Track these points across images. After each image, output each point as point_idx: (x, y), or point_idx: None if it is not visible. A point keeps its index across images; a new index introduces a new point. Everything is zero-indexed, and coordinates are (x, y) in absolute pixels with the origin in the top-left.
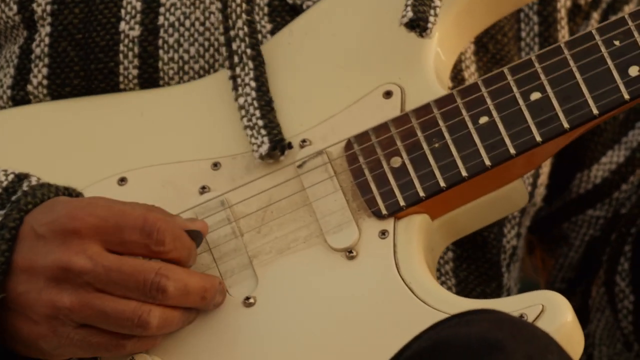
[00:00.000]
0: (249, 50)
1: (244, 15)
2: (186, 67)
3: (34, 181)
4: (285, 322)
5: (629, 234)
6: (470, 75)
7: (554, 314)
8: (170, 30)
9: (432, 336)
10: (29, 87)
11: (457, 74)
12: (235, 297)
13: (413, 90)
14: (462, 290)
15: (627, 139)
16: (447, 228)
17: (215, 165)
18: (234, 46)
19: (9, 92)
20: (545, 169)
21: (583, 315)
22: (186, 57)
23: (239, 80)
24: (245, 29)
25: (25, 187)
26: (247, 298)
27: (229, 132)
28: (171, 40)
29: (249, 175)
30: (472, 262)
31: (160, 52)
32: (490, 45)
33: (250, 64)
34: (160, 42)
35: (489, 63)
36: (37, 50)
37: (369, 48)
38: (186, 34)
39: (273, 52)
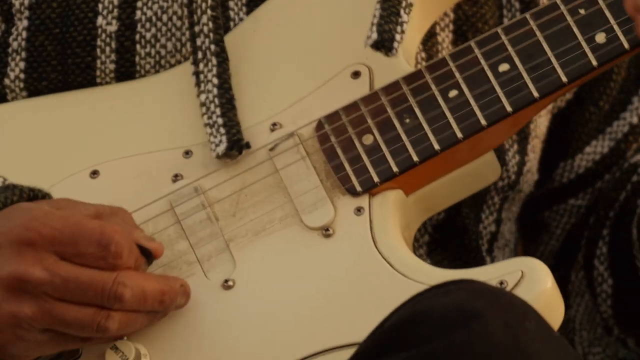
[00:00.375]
0: (212, 47)
1: (209, 11)
2: (163, 62)
3: None
4: (265, 302)
5: (607, 217)
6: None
7: (534, 280)
8: (148, 25)
9: (410, 307)
10: (6, 81)
11: (429, 38)
12: (214, 281)
13: (381, 69)
14: None
15: (611, 129)
16: (422, 204)
17: (187, 153)
18: (198, 42)
19: None
20: (533, 155)
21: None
22: (163, 52)
23: (201, 76)
24: (210, 24)
25: None
26: (226, 281)
27: (200, 122)
28: (148, 35)
29: (221, 161)
30: (445, 248)
31: (138, 46)
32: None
33: (214, 60)
34: (137, 36)
35: (464, 26)
36: (15, 44)
37: (335, 31)
38: (163, 28)
39: (240, 40)
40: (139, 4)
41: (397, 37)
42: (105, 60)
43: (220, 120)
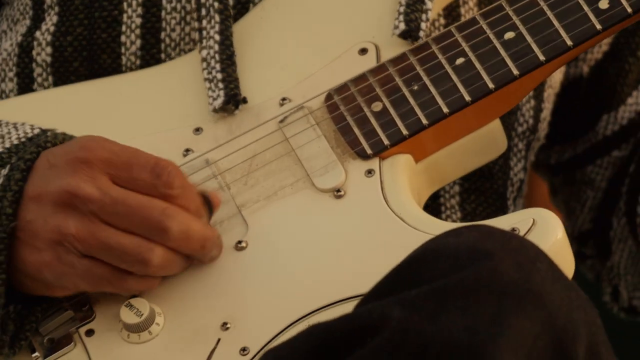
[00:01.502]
0: (216, 4)
1: None
2: (188, 18)
3: (58, 131)
4: (279, 260)
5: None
6: (468, 11)
7: (545, 229)
8: None
9: (422, 247)
10: (37, 34)
11: (452, 11)
12: (227, 243)
13: (387, 46)
14: (468, 222)
15: None
16: (431, 173)
17: (197, 130)
18: None
19: (20, 38)
20: (548, 104)
21: (605, 247)
22: (188, 7)
23: (204, 32)
24: None
25: (48, 133)
26: (239, 242)
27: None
28: None
29: (231, 135)
30: (480, 194)
31: (164, 1)
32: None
33: (217, 17)
34: None
35: None
36: (48, 0)
37: (341, 12)
38: None
39: (247, 27)
40: None
41: (423, 25)
42: (131, 14)
43: (219, 75)
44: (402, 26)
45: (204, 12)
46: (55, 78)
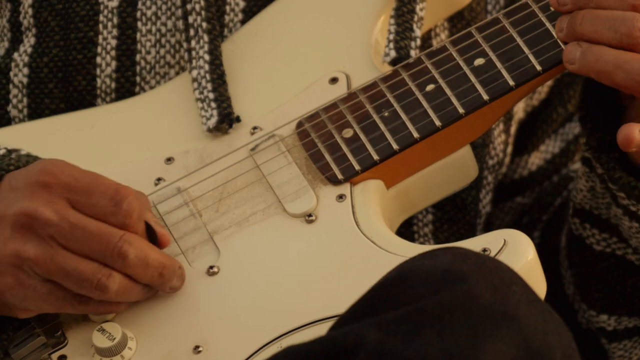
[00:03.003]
0: (204, 24)
1: None
2: (163, 40)
3: (22, 152)
4: (250, 284)
5: (540, 220)
6: (439, 42)
7: (516, 249)
8: (148, 2)
9: (397, 269)
10: (15, 55)
11: (424, 43)
12: (199, 269)
13: (358, 75)
14: None
15: (563, 130)
16: (402, 199)
17: (169, 160)
18: (190, 19)
19: None
20: (512, 139)
21: None
22: (163, 29)
23: (193, 53)
24: (202, 2)
25: (13, 155)
26: (211, 267)
27: (180, 132)
28: (149, 13)
29: (202, 163)
30: (452, 224)
31: (139, 23)
32: (466, 12)
33: (206, 37)
34: (138, 14)
35: (463, 29)
36: (25, 22)
37: (312, 42)
38: (163, 7)
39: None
40: None
41: (412, 53)
42: (107, 36)
43: (211, 95)
44: (393, 54)
45: (192, 32)
46: (30, 100)
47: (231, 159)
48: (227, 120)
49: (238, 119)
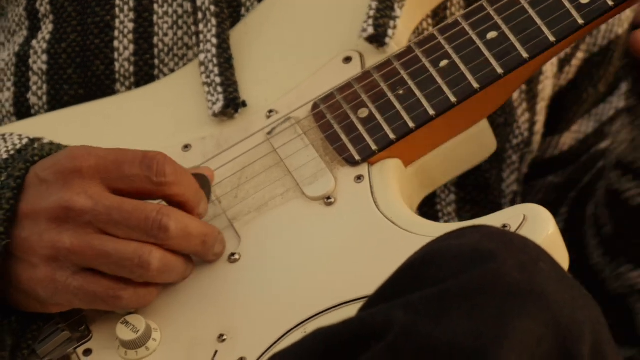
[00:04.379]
0: (212, 7)
1: None
2: (180, 22)
3: (45, 141)
4: (273, 270)
5: (567, 197)
6: (455, 12)
7: (536, 224)
8: None
9: (424, 249)
10: (33, 42)
11: (440, 21)
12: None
13: (371, 54)
14: None
15: (597, 110)
16: (421, 176)
17: (186, 147)
18: (199, 2)
19: (17, 48)
20: (541, 117)
21: None
22: (180, 11)
23: (201, 36)
24: None
25: (36, 145)
26: (232, 254)
27: (196, 119)
28: None
29: (219, 149)
30: (475, 204)
31: (155, 6)
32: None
33: (213, 21)
34: None
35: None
36: (42, 10)
37: (325, 23)
38: None
39: (232, 42)
40: None
41: (390, 32)
42: (123, 19)
43: (217, 79)
44: (371, 30)
45: (200, 15)
46: (49, 86)
47: (248, 144)
48: (232, 105)
49: (244, 104)
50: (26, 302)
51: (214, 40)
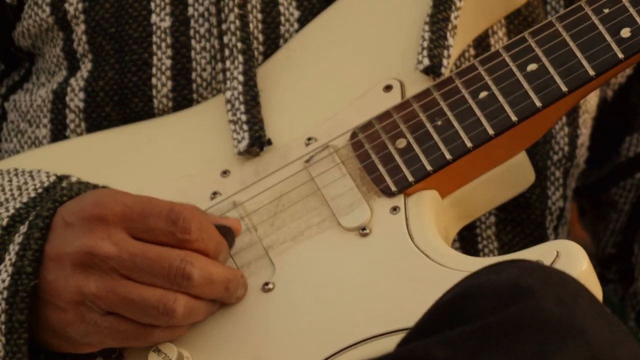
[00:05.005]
0: (239, 44)
1: (236, 9)
2: (218, 56)
3: (73, 180)
4: (306, 300)
5: None
6: (497, 40)
7: (569, 260)
8: (201, 20)
9: (463, 285)
10: (71, 80)
11: (481, 41)
12: (254, 285)
13: (412, 83)
14: (506, 253)
15: None
16: (458, 208)
17: (225, 173)
18: (226, 39)
19: (55, 85)
20: (585, 130)
21: (627, 273)
22: (218, 45)
23: (228, 73)
24: (237, 22)
25: (64, 184)
26: (266, 284)
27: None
28: (202, 30)
29: (257, 177)
30: (516, 225)
31: (193, 41)
32: (523, 8)
33: (240, 58)
34: (191, 32)
35: (520, 26)
36: (80, 49)
37: (366, 51)
38: (216, 22)
39: (273, 68)
40: (190, 0)
41: (445, 62)
42: (161, 56)
43: (243, 117)
44: (426, 61)
45: (227, 52)
46: (88, 124)
47: (286, 172)
48: (257, 143)
49: (269, 142)
50: (58, 343)
51: (240, 78)
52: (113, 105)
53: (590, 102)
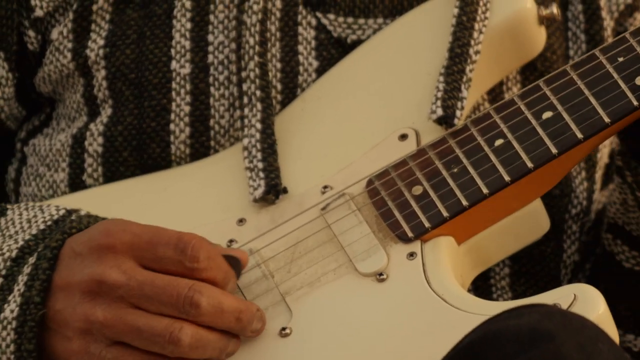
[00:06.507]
0: (258, 92)
1: (256, 57)
2: (236, 104)
3: (82, 213)
4: (323, 346)
5: (593, 254)
6: (512, 96)
7: (586, 303)
8: (220, 67)
9: (483, 329)
10: (91, 125)
11: (496, 96)
12: (271, 330)
13: (427, 131)
14: None
15: None
16: (473, 255)
17: (241, 221)
18: (245, 87)
19: (75, 130)
20: (598, 185)
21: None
22: (236, 93)
23: (246, 121)
24: (257, 70)
25: (73, 217)
26: (283, 329)
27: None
28: (221, 78)
29: (273, 224)
30: (530, 277)
31: (212, 89)
32: (539, 63)
33: (259, 106)
34: (210, 79)
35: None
36: (100, 95)
37: (381, 100)
38: (235, 70)
39: (289, 118)
40: (210, 48)
41: (458, 113)
42: (180, 102)
43: (260, 165)
44: (440, 112)
45: (246, 100)
46: (105, 169)
47: (302, 219)
48: (273, 191)
49: (285, 190)
50: None
51: (258, 126)
52: (131, 150)
53: (603, 158)
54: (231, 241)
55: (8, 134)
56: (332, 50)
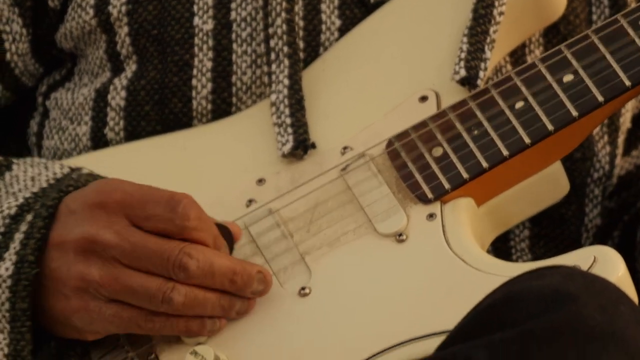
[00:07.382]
0: (285, 48)
1: (283, 14)
2: (259, 61)
3: (84, 172)
4: (343, 304)
5: (620, 220)
6: (534, 59)
7: (606, 265)
8: (243, 24)
9: (504, 289)
10: (115, 79)
11: (518, 59)
12: (290, 290)
13: (448, 93)
14: None
15: None
16: (493, 216)
17: (260, 181)
18: (272, 43)
19: (99, 85)
20: (621, 150)
21: None
22: (259, 50)
23: (273, 77)
24: (284, 27)
25: (74, 175)
26: (303, 288)
27: (271, 153)
28: (244, 34)
29: (293, 185)
30: (549, 240)
31: (234, 45)
32: (562, 27)
33: (286, 62)
34: (233, 35)
35: (559, 44)
36: (124, 51)
37: (402, 62)
38: (258, 28)
39: (309, 79)
40: (233, 4)
41: (481, 74)
42: (202, 58)
43: (288, 120)
44: (463, 72)
45: (273, 56)
46: (126, 122)
47: (322, 180)
48: (302, 146)
49: (313, 146)
50: (63, 330)
51: (286, 81)
52: (153, 105)
53: (626, 123)
54: (250, 201)
55: (23, 89)
56: (355, 10)
